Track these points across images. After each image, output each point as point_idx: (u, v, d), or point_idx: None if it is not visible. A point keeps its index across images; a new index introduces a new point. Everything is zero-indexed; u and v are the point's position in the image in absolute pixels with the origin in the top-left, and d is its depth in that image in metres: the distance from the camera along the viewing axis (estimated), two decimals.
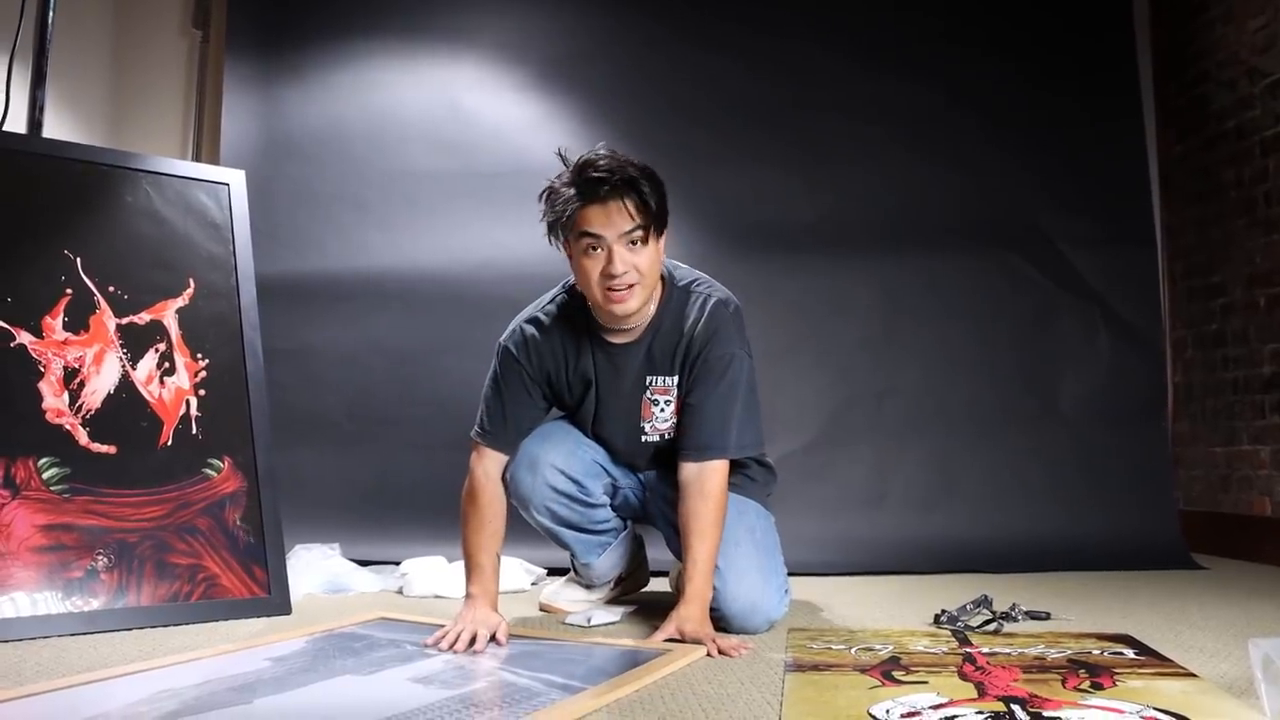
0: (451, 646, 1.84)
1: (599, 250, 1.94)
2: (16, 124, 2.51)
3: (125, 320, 2.34)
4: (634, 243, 1.94)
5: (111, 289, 2.34)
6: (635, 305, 2.00)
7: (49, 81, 2.53)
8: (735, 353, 2.09)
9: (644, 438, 2.19)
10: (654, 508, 2.27)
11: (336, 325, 3.42)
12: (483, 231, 3.44)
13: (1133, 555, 3.17)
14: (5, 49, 2.53)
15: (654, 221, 1.95)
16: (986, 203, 3.57)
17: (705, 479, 2.03)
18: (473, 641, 1.85)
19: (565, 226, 1.95)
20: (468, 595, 2.03)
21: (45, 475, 2.15)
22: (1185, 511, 3.53)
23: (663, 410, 2.14)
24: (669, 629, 1.91)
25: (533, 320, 2.16)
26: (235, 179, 2.61)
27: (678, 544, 2.17)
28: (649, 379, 2.13)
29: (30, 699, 1.49)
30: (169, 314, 2.40)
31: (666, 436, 2.17)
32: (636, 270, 1.95)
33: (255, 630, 2.08)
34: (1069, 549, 3.20)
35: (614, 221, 1.92)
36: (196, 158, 3.52)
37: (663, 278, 2.12)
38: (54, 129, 2.68)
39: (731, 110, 3.57)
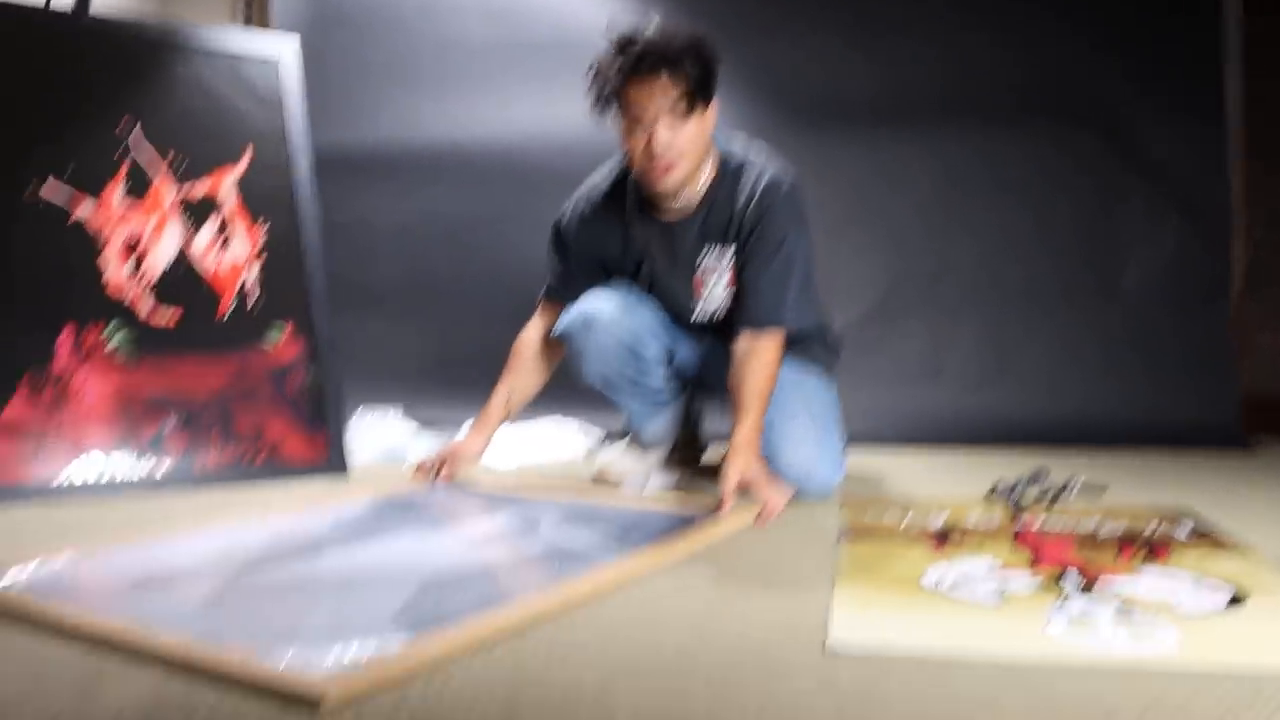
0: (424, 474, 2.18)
1: (640, 128, 1.93)
2: (64, 2, 2.49)
3: (184, 190, 2.36)
4: (674, 120, 1.92)
5: (170, 160, 2.35)
6: (677, 182, 2.00)
7: None
8: (789, 228, 2.07)
9: (696, 314, 2.18)
10: (713, 373, 2.27)
11: (389, 197, 3.42)
12: (535, 101, 3.39)
13: (1192, 435, 3.13)
14: None
15: (695, 98, 1.92)
16: (1049, 75, 3.44)
17: (760, 349, 2.03)
18: (438, 473, 2.18)
19: (607, 103, 1.95)
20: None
21: (112, 342, 2.20)
22: (1248, 393, 3.46)
23: (715, 287, 2.14)
24: (729, 484, 1.87)
25: (585, 198, 2.19)
26: (287, 47, 2.59)
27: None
28: (701, 255, 2.12)
29: (108, 553, 1.55)
30: (226, 184, 2.41)
31: (719, 315, 2.17)
32: (677, 147, 1.94)
33: (316, 493, 2.13)
34: (1126, 426, 3.16)
35: (653, 99, 1.90)
36: (248, 26, 3.48)
37: (716, 152, 2.10)
38: (102, 3, 2.65)
39: None
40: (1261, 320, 3.59)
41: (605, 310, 2.16)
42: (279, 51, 2.56)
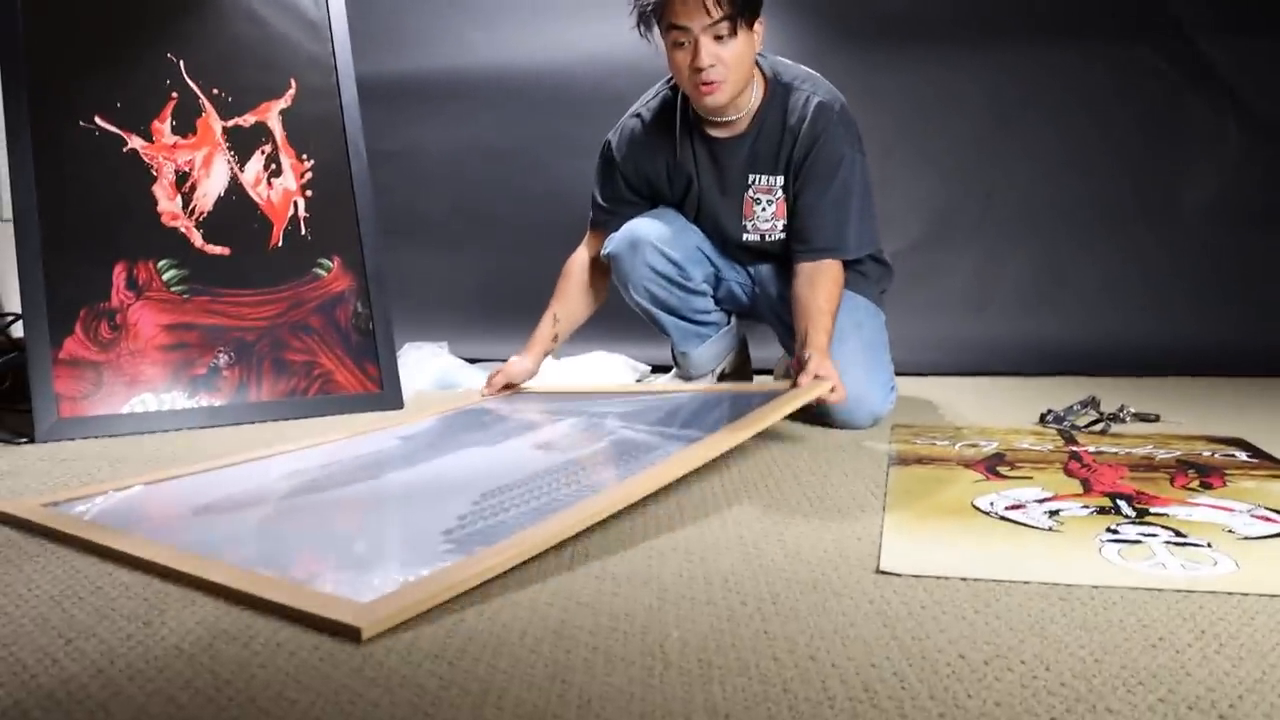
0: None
1: (686, 43, 1.93)
2: None
3: (231, 122, 2.36)
4: (720, 36, 1.91)
5: (216, 91, 2.35)
6: (725, 98, 1.99)
7: None
8: (845, 152, 2.05)
9: (745, 236, 2.18)
10: (763, 304, 2.26)
11: (438, 125, 3.41)
12: (583, 27, 3.35)
13: (1250, 361, 3.06)
14: None
15: (741, 12, 1.91)
16: None
17: (824, 273, 2.04)
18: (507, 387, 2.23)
19: (652, 18, 1.96)
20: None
21: (165, 276, 2.23)
22: None
23: (764, 209, 2.12)
24: (808, 371, 1.86)
25: (635, 116, 2.19)
26: None
27: (788, 339, 2.18)
28: (751, 177, 2.11)
29: (172, 481, 1.59)
30: (273, 115, 2.42)
31: (768, 237, 2.16)
32: (723, 63, 1.93)
33: (369, 422, 2.15)
34: (1183, 353, 3.10)
35: (698, 13, 1.89)
36: None
37: (765, 74, 2.08)
38: None
39: None
40: None
41: (652, 231, 2.17)
42: None
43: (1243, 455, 1.79)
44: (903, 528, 1.30)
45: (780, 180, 2.10)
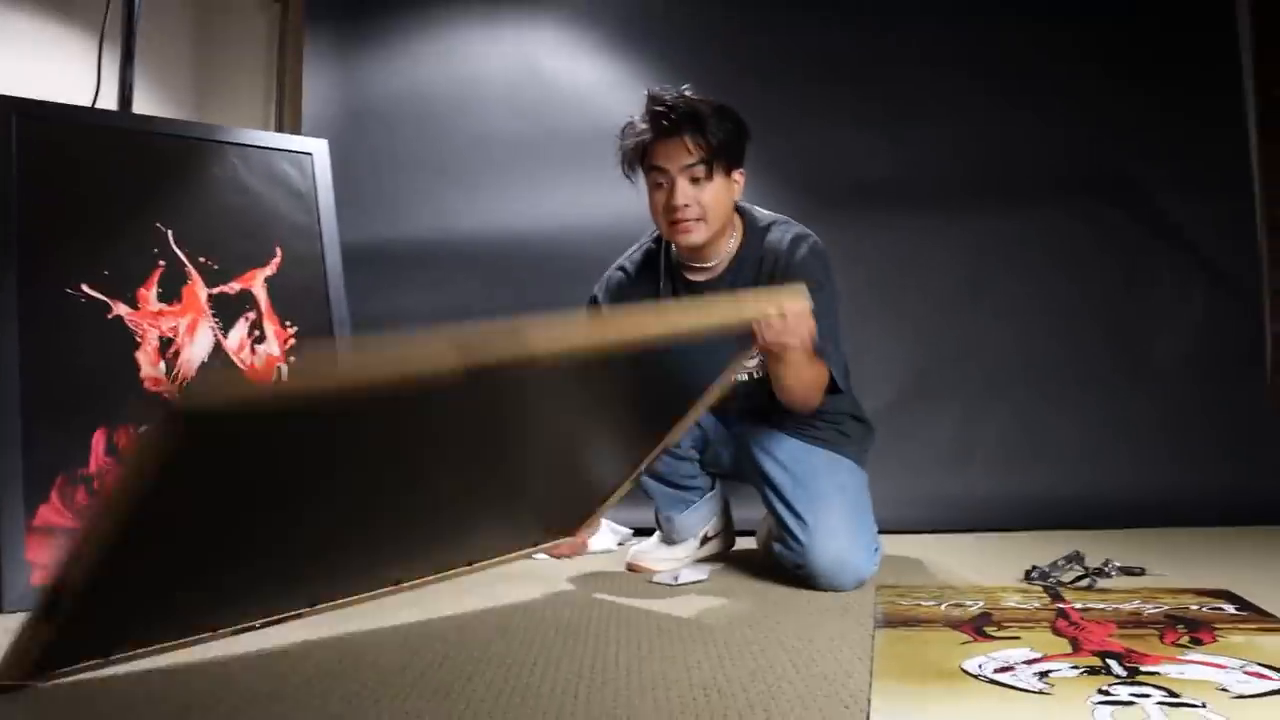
0: None
1: (664, 183, 2.01)
2: (107, 102, 2.57)
3: (216, 290, 2.39)
4: (697, 178, 1.99)
5: (202, 260, 2.39)
6: (700, 239, 2.05)
7: (136, 60, 2.58)
8: (820, 278, 2.06)
9: None
10: (745, 464, 2.26)
11: (423, 291, 3.45)
12: (566, 194, 3.43)
13: (1231, 511, 3.08)
14: (95, 31, 2.59)
15: (718, 157, 1.99)
16: (1073, 153, 3.47)
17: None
18: None
19: (634, 159, 2.05)
20: None
21: None
22: None
23: None
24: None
25: (618, 269, 2.26)
26: (318, 148, 2.65)
27: (769, 499, 2.18)
28: None
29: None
30: (258, 283, 2.45)
31: (754, 375, 2.15)
32: (699, 204, 2.00)
33: None
34: (1164, 505, 3.11)
35: (677, 155, 1.99)
36: (279, 128, 3.57)
37: (744, 220, 2.14)
38: (142, 105, 2.74)
39: (810, 66, 3.51)
40: None
41: None
42: (311, 151, 2.62)
43: (1231, 608, 1.77)
44: (891, 694, 1.28)
45: None
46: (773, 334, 1.71)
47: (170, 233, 2.36)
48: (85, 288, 2.23)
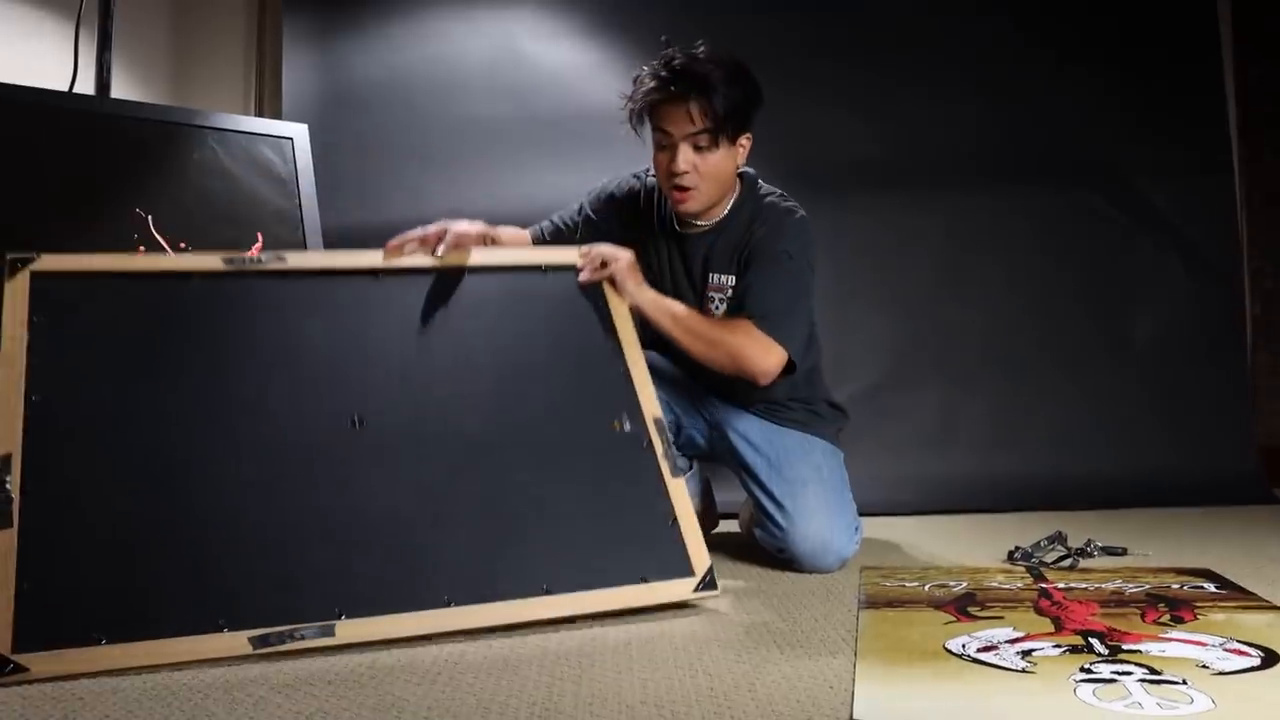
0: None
1: (667, 145, 1.98)
2: (85, 87, 2.55)
3: None
4: (700, 146, 1.96)
5: (183, 245, 2.37)
6: (697, 206, 2.03)
7: (114, 44, 2.56)
8: (793, 248, 2.04)
9: None
10: (719, 447, 2.26)
11: None
12: (546, 178, 3.41)
13: (1211, 491, 3.11)
14: (72, 15, 2.56)
15: (723, 127, 1.95)
16: (1055, 136, 3.49)
17: (748, 326, 1.96)
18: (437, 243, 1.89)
19: (640, 116, 2.00)
20: None
21: None
22: (1265, 446, 3.44)
23: (718, 308, 2.11)
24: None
25: (623, 181, 2.23)
26: (299, 133, 2.63)
27: (747, 484, 2.18)
28: (710, 276, 2.12)
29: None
30: None
31: None
32: (698, 172, 1.98)
33: None
34: (1145, 485, 3.15)
35: (681, 121, 1.94)
36: (259, 113, 3.54)
37: (744, 181, 2.12)
38: (121, 90, 2.72)
39: (795, 50, 3.50)
40: (1272, 371, 3.58)
41: None
42: (291, 135, 2.61)
43: (1211, 587, 1.79)
44: (875, 674, 1.29)
45: (733, 280, 2.09)
46: (588, 266, 1.88)
47: (150, 218, 2.34)
48: None
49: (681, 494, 1.75)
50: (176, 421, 1.49)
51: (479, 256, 1.89)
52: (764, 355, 1.96)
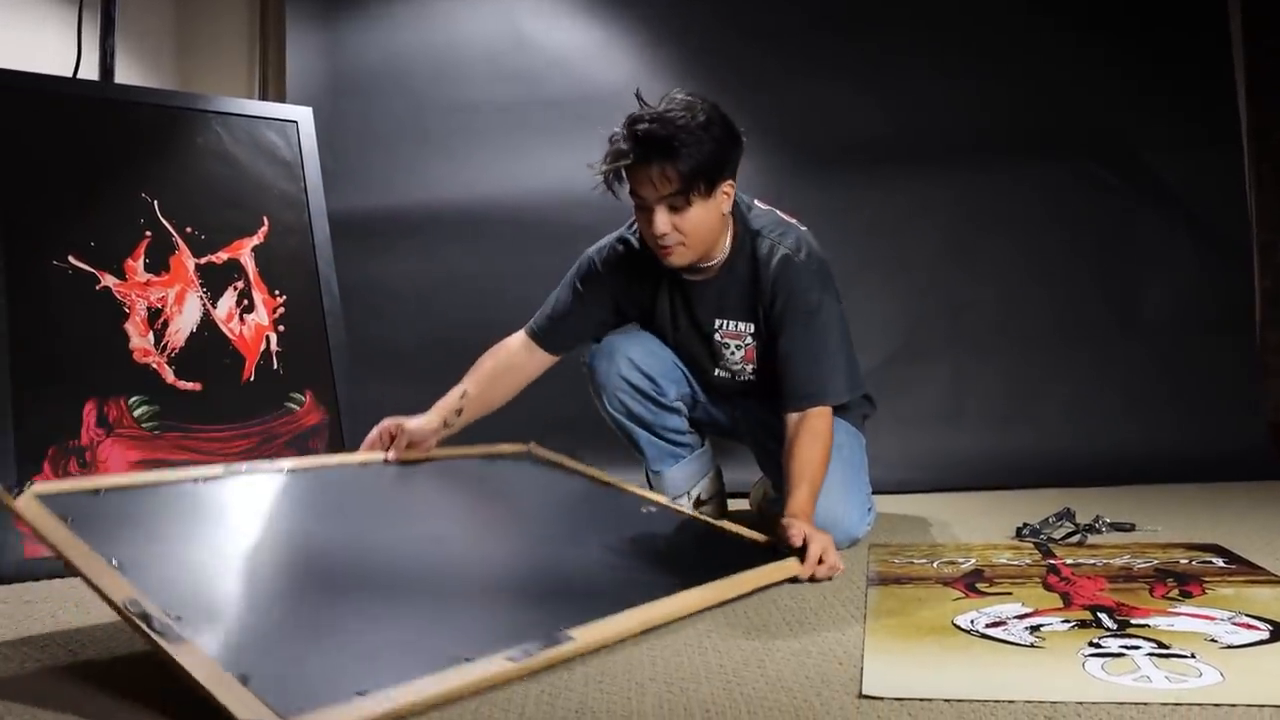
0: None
1: (644, 208, 1.94)
2: (89, 72, 2.55)
3: (204, 260, 2.38)
4: (674, 207, 1.90)
5: (189, 229, 2.38)
6: (686, 260, 2.00)
7: (117, 29, 2.56)
8: (816, 298, 2.03)
9: (717, 374, 2.19)
10: (744, 425, 2.26)
11: (407, 260, 3.44)
12: (549, 160, 3.41)
13: (1220, 466, 3.10)
14: (74, 0, 2.56)
15: (695, 185, 1.88)
16: (1062, 110, 3.46)
17: (810, 425, 1.97)
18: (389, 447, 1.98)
19: (613, 182, 1.95)
20: None
21: (136, 413, 2.22)
22: (1275, 421, 3.43)
23: (733, 354, 2.14)
24: (794, 530, 1.79)
25: (623, 240, 2.18)
26: (303, 116, 2.63)
27: (767, 461, 2.19)
28: (719, 321, 2.12)
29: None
30: (245, 252, 2.44)
31: (739, 377, 2.17)
32: (679, 231, 1.93)
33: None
34: (1153, 461, 3.14)
35: (653, 184, 1.88)
36: (263, 97, 3.54)
37: (735, 221, 2.08)
38: (124, 75, 2.72)
39: (802, 26, 3.49)
40: None
41: (629, 344, 2.19)
42: (295, 119, 2.60)
43: (1220, 561, 1.79)
44: (884, 650, 1.29)
45: (750, 328, 2.10)
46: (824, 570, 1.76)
47: (156, 203, 2.35)
48: (72, 260, 2.21)
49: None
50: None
51: None
52: (829, 427, 2.00)
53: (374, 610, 1.34)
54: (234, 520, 1.56)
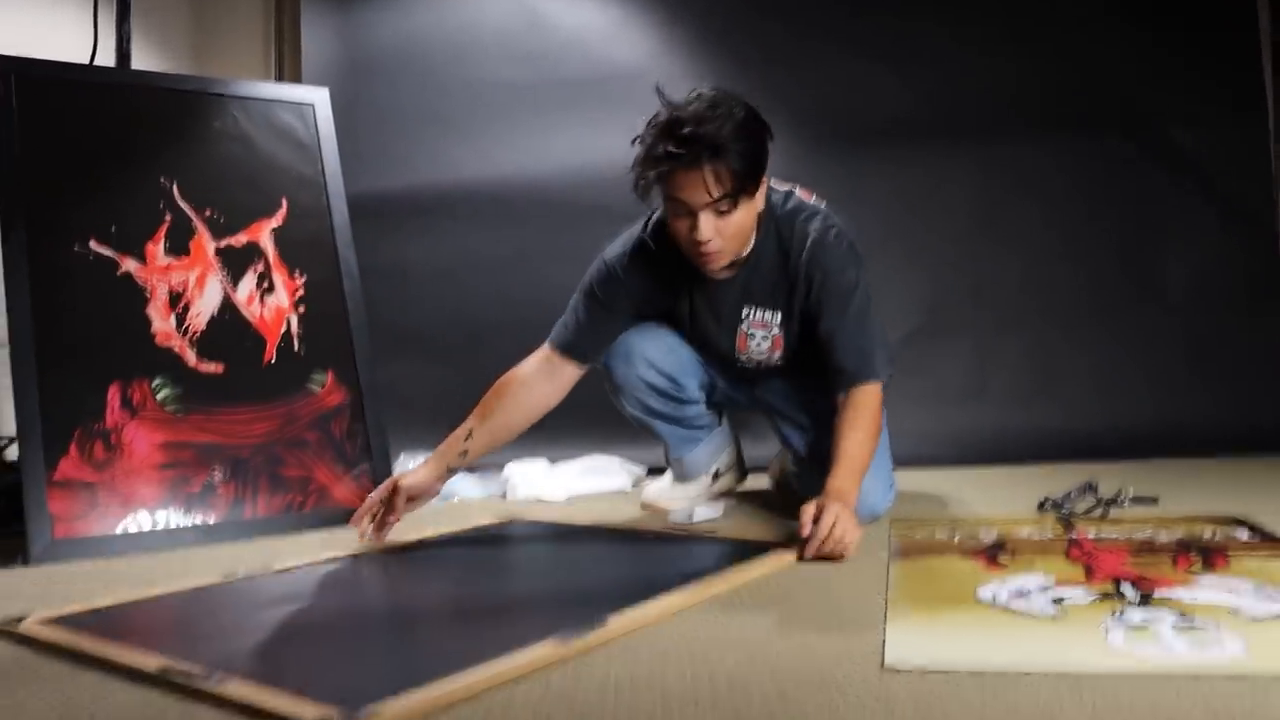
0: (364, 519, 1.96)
1: (684, 214, 1.85)
2: (105, 59, 2.56)
3: (223, 243, 2.39)
4: (721, 211, 1.83)
5: (208, 213, 2.38)
6: (724, 263, 1.95)
7: (133, 14, 2.57)
8: (855, 276, 2.01)
9: (740, 364, 2.17)
10: (764, 403, 2.24)
11: (427, 241, 3.45)
12: (567, 139, 3.41)
13: (1244, 440, 3.07)
14: None
15: (743, 187, 1.82)
16: (1084, 84, 3.42)
17: (859, 404, 1.95)
18: (382, 517, 1.97)
19: (649, 188, 1.86)
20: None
21: (159, 396, 2.23)
22: None
23: (760, 344, 2.10)
24: (806, 515, 1.74)
25: (638, 242, 2.09)
26: (320, 98, 2.63)
27: (790, 435, 2.20)
28: (745, 311, 2.08)
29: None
30: (265, 235, 2.45)
31: (765, 365, 2.14)
32: (723, 235, 1.86)
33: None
34: (1177, 435, 3.12)
35: (698, 191, 1.79)
36: (279, 80, 3.55)
37: (767, 205, 2.02)
38: (141, 61, 2.72)
39: (820, 3, 3.47)
40: None
41: (646, 345, 2.17)
42: (312, 101, 2.61)
43: (1244, 534, 1.78)
44: (906, 622, 1.29)
45: (778, 316, 2.07)
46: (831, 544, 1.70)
47: (175, 187, 2.36)
48: (93, 245, 2.23)
49: None
50: None
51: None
52: (878, 404, 1.97)
53: (416, 634, 1.42)
54: (248, 611, 1.55)
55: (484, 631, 1.36)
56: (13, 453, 2.33)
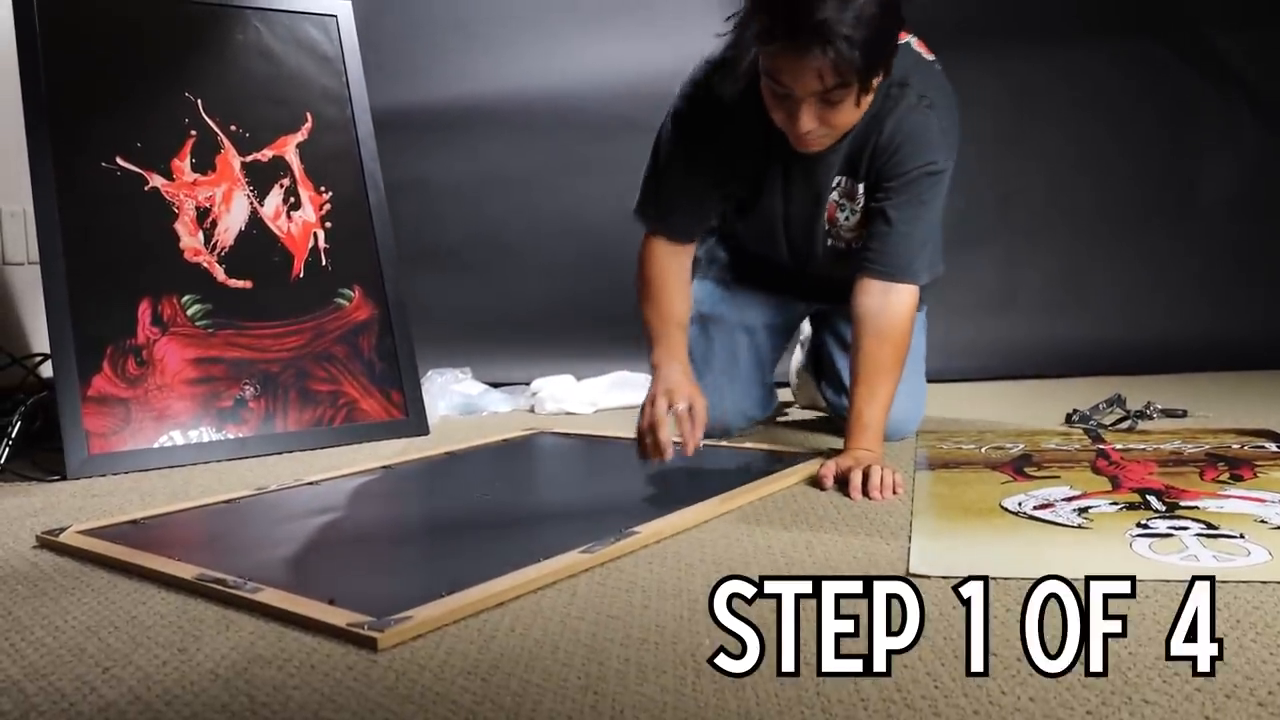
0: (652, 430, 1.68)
1: (786, 98, 1.58)
2: None
3: (249, 158, 2.39)
4: (831, 101, 1.56)
5: (233, 128, 2.38)
6: (822, 147, 1.72)
7: None
8: (944, 163, 1.80)
9: (828, 240, 1.92)
10: (829, 320, 2.20)
11: (452, 154, 3.43)
12: (593, 49, 3.35)
13: (1275, 353, 3.05)
14: None
15: (859, 80, 1.52)
16: None
17: (889, 312, 1.74)
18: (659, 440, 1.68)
19: (749, 68, 1.62)
20: (652, 366, 1.81)
21: (189, 312, 2.25)
22: None
23: (849, 218, 1.87)
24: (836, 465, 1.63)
25: (713, 95, 1.77)
26: (343, 9, 2.60)
27: (841, 366, 2.10)
28: (837, 179, 1.83)
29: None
30: (290, 149, 2.44)
31: (852, 246, 1.90)
32: (828, 124, 1.61)
33: (396, 450, 2.16)
34: (1207, 348, 3.08)
35: (805, 78, 1.51)
36: None
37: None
38: None
39: None
40: None
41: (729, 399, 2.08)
42: (335, 12, 2.58)
43: (1272, 446, 1.77)
44: (931, 531, 1.30)
45: (862, 186, 1.82)
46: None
47: (200, 102, 2.35)
48: (120, 161, 2.23)
49: None
50: None
51: None
52: (907, 321, 1.78)
53: (446, 544, 1.43)
54: (280, 523, 1.58)
55: (512, 541, 1.39)
56: (47, 369, 2.37)
